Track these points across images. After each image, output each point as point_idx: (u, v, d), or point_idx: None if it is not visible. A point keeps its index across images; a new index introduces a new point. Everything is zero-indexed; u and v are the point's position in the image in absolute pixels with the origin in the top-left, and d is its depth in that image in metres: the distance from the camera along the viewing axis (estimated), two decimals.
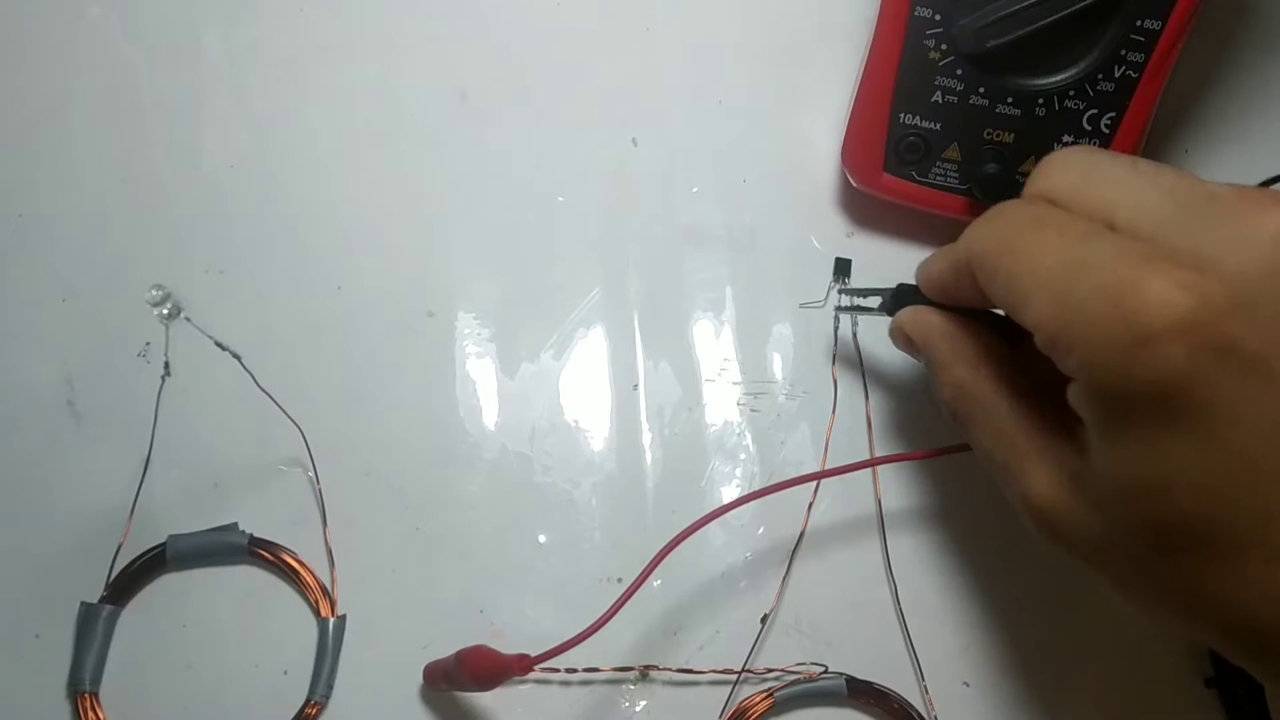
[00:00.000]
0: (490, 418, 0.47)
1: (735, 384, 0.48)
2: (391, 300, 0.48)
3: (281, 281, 0.48)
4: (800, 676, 0.44)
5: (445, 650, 0.43)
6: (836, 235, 0.49)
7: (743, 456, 0.47)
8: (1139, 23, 0.43)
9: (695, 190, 0.50)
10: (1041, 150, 0.46)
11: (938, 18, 0.44)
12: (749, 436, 0.47)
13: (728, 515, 0.45)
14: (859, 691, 0.43)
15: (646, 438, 0.47)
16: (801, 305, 0.48)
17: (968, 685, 0.45)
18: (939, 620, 0.46)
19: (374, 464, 0.46)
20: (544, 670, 0.41)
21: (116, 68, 0.50)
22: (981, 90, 0.45)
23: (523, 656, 0.39)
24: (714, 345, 0.48)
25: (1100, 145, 0.45)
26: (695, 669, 0.44)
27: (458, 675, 0.40)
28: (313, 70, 0.50)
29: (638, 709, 0.44)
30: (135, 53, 0.50)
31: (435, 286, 0.48)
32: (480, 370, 0.47)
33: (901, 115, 0.46)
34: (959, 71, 0.45)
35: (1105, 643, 0.46)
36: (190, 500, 0.45)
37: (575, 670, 0.43)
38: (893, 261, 0.49)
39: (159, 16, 0.51)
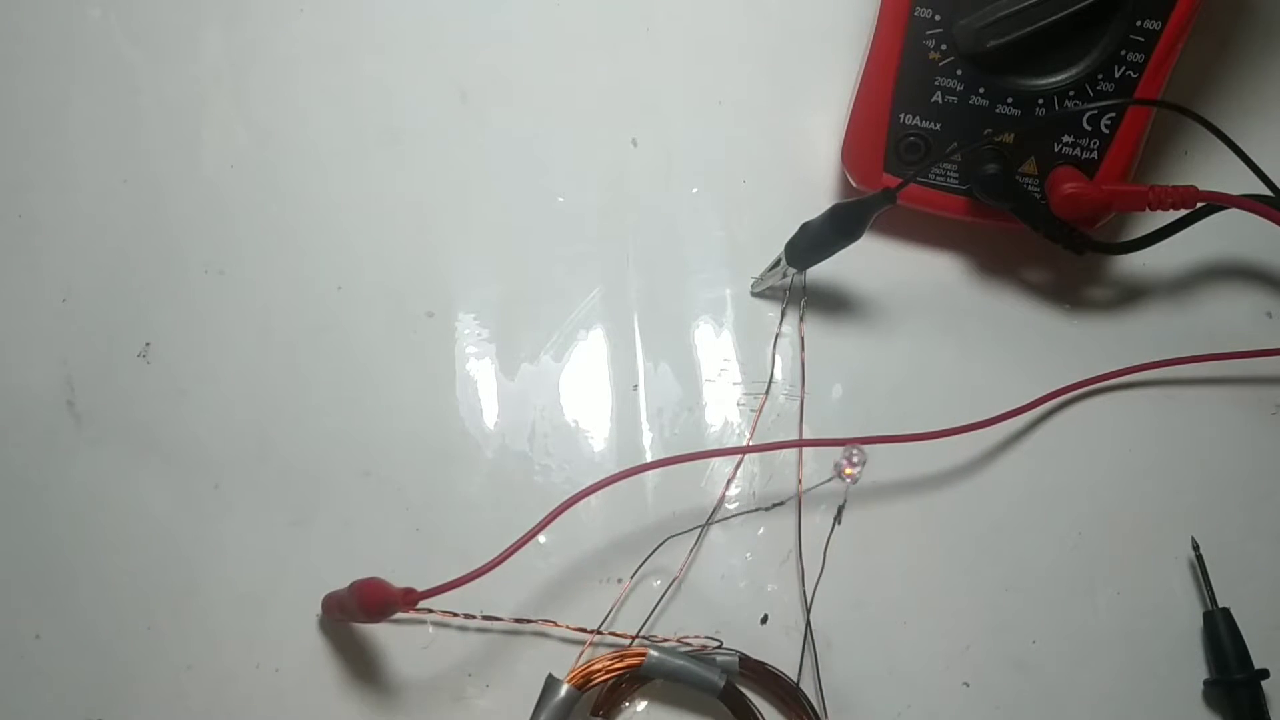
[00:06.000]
0: (490, 418, 0.47)
1: (735, 384, 0.48)
2: (391, 300, 0.48)
3: (281, 281, 0.48)
4: (695, 650, 0.44)
5: (447, 652, 0.44)
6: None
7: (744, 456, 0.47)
8: (1139, 23, 0.43)
9: (695, 190, 0.50)
10: (1041, 150, 0.46)
11: (938, 18, 0.44)
12: (749, 437, 0.47)
13: (728, 516, 0.46)
14: (752, 670, 0.43)
15: (646, 438, 0.47)
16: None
17: (968, 685, 0.45)
18: (939, 620, 0.46)
19: (374, 464, 0.46)
20: (442, 613, 0.43)
21: (116, 68, 0.50)
22: (981, 90, 0.45)
23: (409, 591, 0.39)
24: (714, 345, 0.48)
25: (1100, 145, 0.45)
26: (594, 629, 0.44)
27: (350, 605, 0.41)
28: (313, 70, 0.50)
29: (639, 709, 0.44)
30: (135, 53, 0.50)
31: (435, 286, 0.48)
32: (480, 370, 0.47)
33: (901, 115, 0.46)
34: (959, 71, 0.45)
35: (1104, 642, 0.46)
36: (191, 500, 0.45)
37: (474, 616, 0.44)
38: (893, 261, 0.49)
39: (159, 17, 0.51)
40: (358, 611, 0.40)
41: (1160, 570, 0.46)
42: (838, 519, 0.45)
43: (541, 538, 0.45)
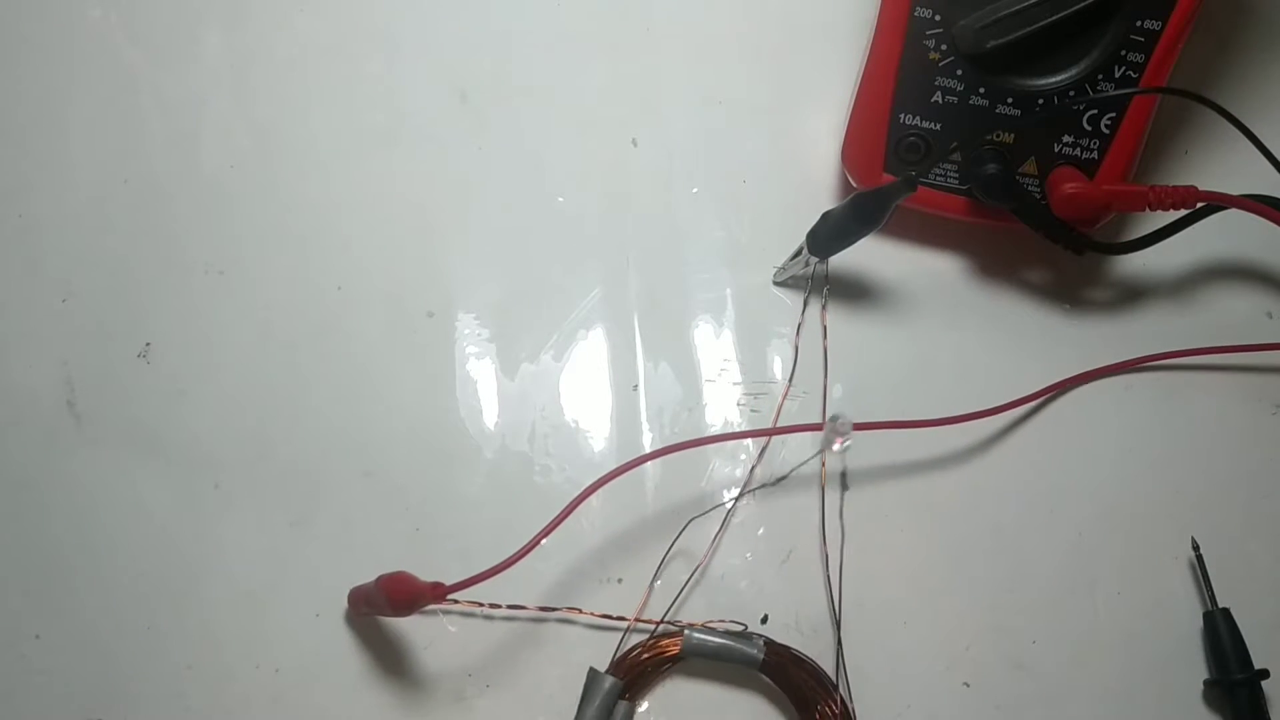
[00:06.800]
0: (490, 418, 0.47)
1: (735, 384, 0.48)
2: (391, 300, 0.48)
3: (281, 281, 0.48)
4: (720, 633, 0.44)
5: (448, 651, 0.44)
6: None
7: (743, 457, 0.47)
8: (1139, 23, 0.43)
9: (695, 190, 0.50)
10: (1041, 150, 0.46)
11: (938, 18, 0.44)
12: (749, 438, 0.47)
13: (727, 516, 0.46)
14: (776, 653, 0.43)
15: (647, 438, 0.47)
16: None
17: (968, 685, 0.45)
18: (939, 620, 0.46)
19: (374, 464, 0.46)
20: (467, 603, 0.43)
21: (116, 68, 0.50)
22: (981, 90, 0.45)
23: (437, 585, 0.40)
24: (714, 345, 0.48)
25: (1100, 145, 0.45)
26: (617, 615, 0.44)
27: (378, 599, 0.41)
28: (313, 70, 0.50)
29: (640, 709, 0.44)
30: (135, 53, 0.50)
31: (435, 286, 0.48)
32: (480, 370, 0.47)
33: (901, 115, 0.46)
34: (959, 72, 0.45)
35: (1104, 642, 0.46)
36: (191, 500, 0.45)
37: (499, 606, 0.44)
38: (893, 261, 0.49)
39: (159, 17, 0.51)
40: (386, 606, 0.41)
41: (1160, 570, 0.46)
42: (844, 485, 0.46)
43: (545, 541, 0.45)
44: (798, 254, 0.47)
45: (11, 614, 0.44)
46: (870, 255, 0.49)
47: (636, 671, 0.43)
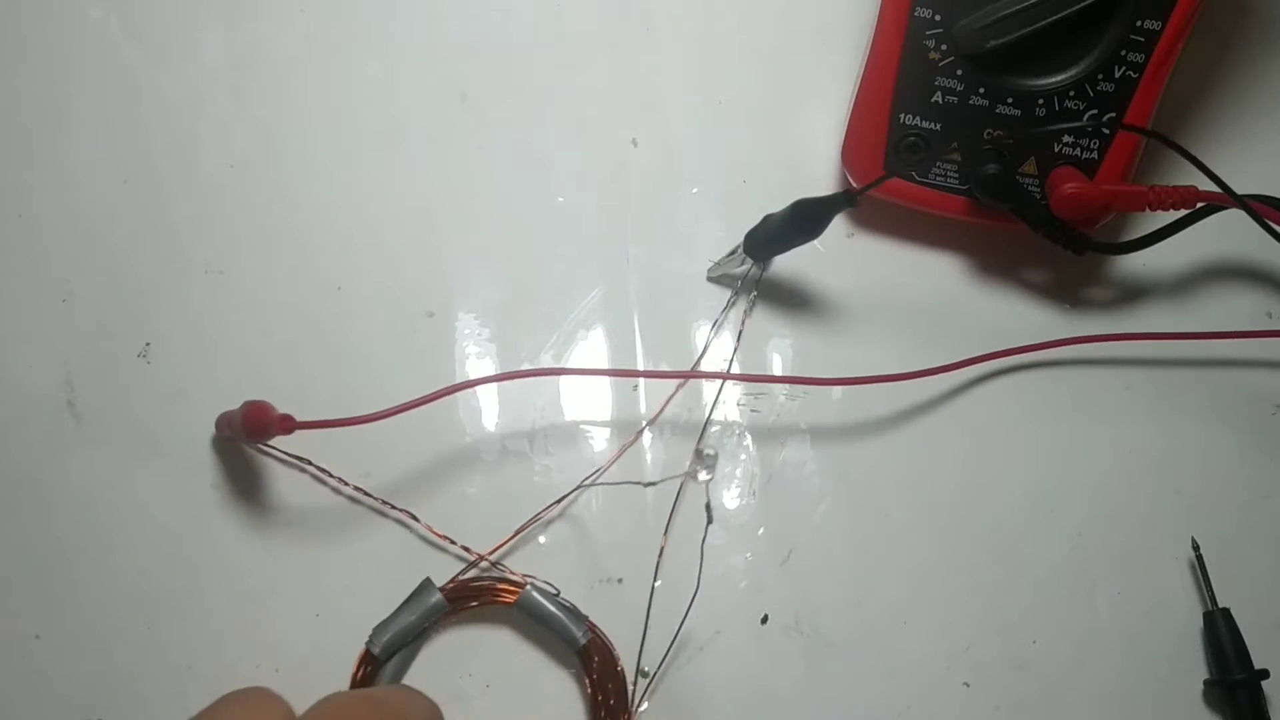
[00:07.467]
0: (490, 418, 0.47)
1: (735, 385, 0.48)
2: (391, 300, 0.48)
3: (281, 281, 0.48)
4: (556, 601, 0.44)
5: (449, 661, 0.44)
6: (837, 236, 0.49)
7: (743, 457, 0.47)
8: (1139, 23, 0.43)
9: (695, 190, 0.50)
10: (1042, 150, 0.46)
11: (938, 18, 0.44)
12: (749, 437, 0.47)
13: (728, 517, 0.46)
14: (600, 646, 0.43)
15: (646, 438, 0.47)
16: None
17: (968, 685, 0.45)
18: (939, 620, 0.46)
19: (373, 464, 0.46)
20: (320, 471, 0.45)
21: (116, 68, 0.50)
22: (981, 90, 0.45)
23: (287, 417, 0.41)
24: (714, 346, 0.48)
25: (1100, 146, 0.45)
26: (444, 534, 0.45)
27: (236, 423, 0.41)
28: (313, 70, 0.50)
29: (641, 709, 0.44)
30: (135, 53, 0.50)
31: (435, 286, 0.48)
32: (480, 370, 0.47)
33: (901, 115, 0.46)
34: (959, 71, 0.45)
35: (1104, 643, 0.46)
36: (191, 500, 0.45)
37: (346, 483, 0.45)
38: (893, 262, 0.49)
39: (159, 17, 0.50)
40: (240, 430, 0.41)
41: (1160, 570, 0.47)
42: (709, 518, 0.44)
43: (541, 538, 0.45)
44: (733, 253, 0.47)
45: (11, 614, 0.44)
46: (870, 255, 0.49)
47: (465, 601, 0.44)
